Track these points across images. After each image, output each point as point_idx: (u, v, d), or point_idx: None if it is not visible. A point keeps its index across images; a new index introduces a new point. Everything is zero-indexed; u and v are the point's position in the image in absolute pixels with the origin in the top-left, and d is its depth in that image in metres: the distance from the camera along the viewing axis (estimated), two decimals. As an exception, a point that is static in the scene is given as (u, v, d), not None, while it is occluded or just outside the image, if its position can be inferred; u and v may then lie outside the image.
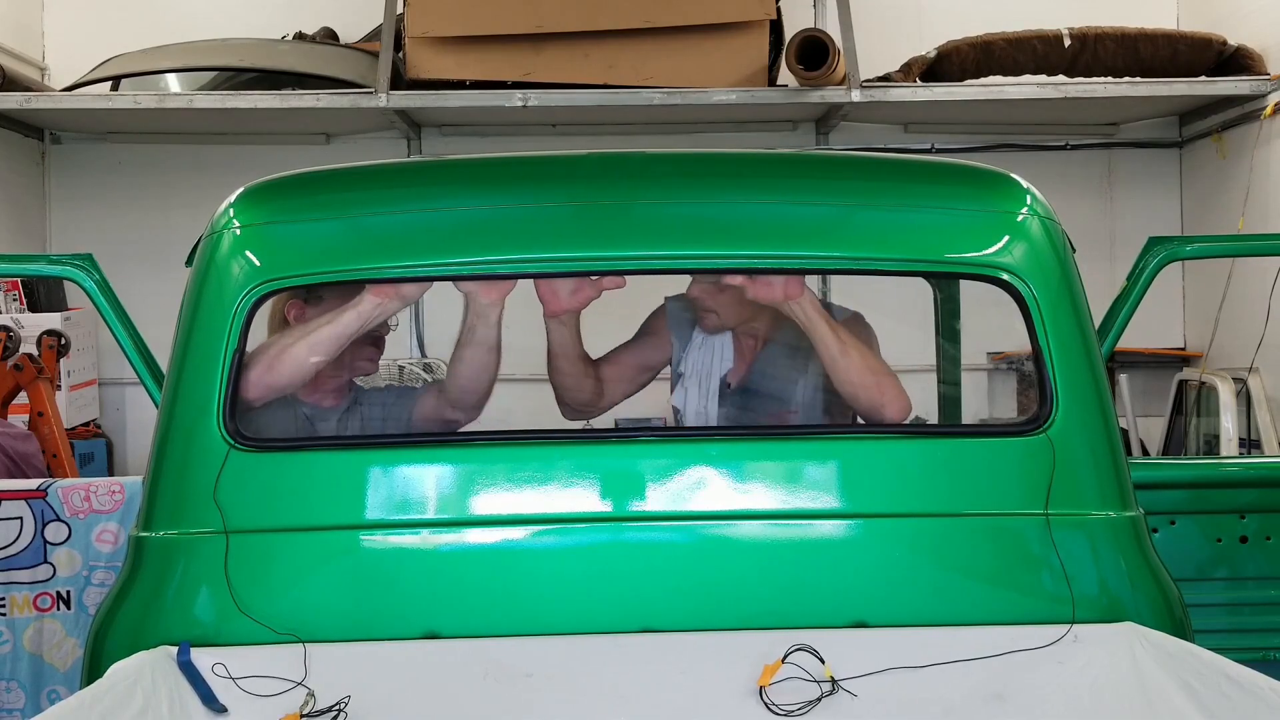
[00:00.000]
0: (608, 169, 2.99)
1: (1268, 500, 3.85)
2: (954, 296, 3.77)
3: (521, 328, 3.40)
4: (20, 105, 6.86)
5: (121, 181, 7.70)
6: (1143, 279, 3.74)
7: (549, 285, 2.92)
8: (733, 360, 3.36)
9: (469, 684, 2.52)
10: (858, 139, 7.63)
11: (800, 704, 2.46)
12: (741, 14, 6.55)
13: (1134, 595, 2.65)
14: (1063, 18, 6.86)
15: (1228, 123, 7.14)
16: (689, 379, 3.37)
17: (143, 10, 7.73)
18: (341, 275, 2.76)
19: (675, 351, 3.42)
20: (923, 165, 3.94)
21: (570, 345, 3.22)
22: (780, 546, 2.63)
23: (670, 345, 3.44)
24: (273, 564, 2.59)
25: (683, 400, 3.38)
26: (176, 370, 2.69)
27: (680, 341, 3.42)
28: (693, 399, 3.35)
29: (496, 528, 2.64)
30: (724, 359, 3.36)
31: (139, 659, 2.43)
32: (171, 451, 2.66)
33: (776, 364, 3.32)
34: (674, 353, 3.43)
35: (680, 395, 3.38)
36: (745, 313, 3.28)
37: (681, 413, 3.38)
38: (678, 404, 3.39)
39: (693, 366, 3.38)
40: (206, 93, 7.08)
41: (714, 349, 3.36)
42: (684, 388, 3.37)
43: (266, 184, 2.89)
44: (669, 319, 3.45)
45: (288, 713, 2.44)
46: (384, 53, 6.71)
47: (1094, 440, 2.69)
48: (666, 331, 3.46)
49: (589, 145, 6.43)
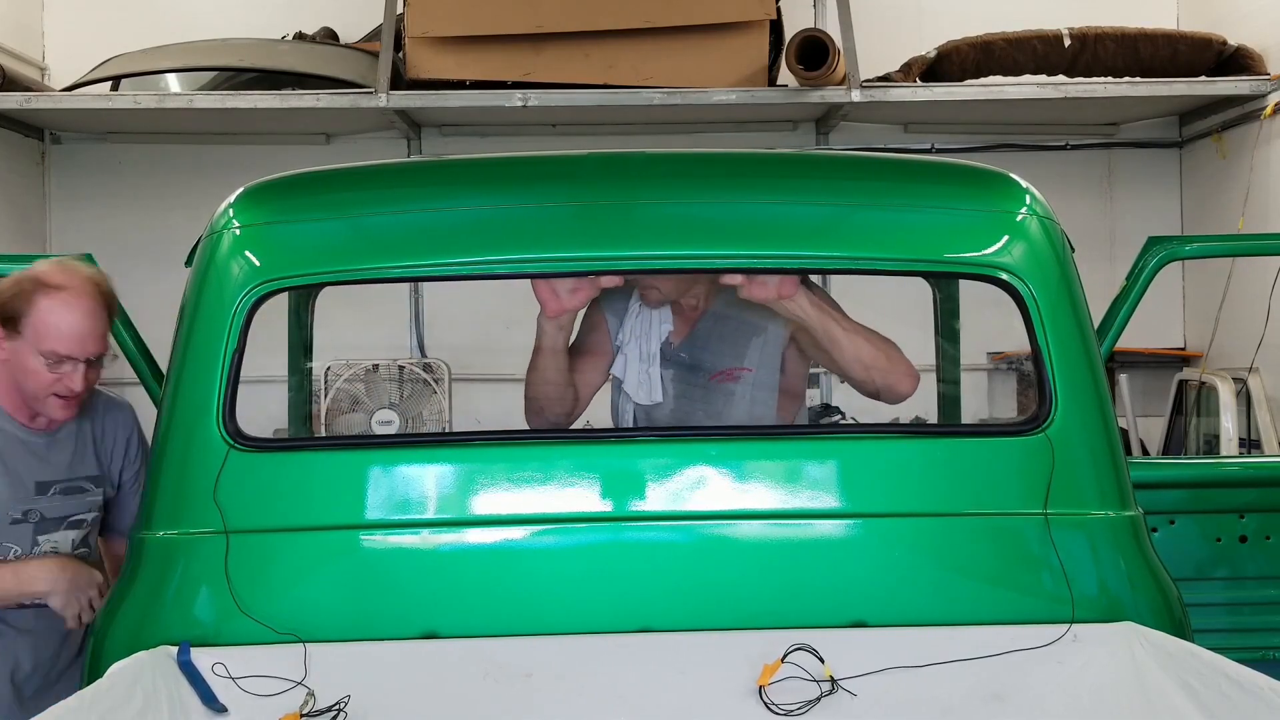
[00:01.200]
0: (608, 169, 2.99)
1: (1267, 500, 3.85)
2: (953, 296, 3.77)
3: (522, 328, 3.40)
4: (20, 105, 6.87)
5: (121, 181, 7.70)
6: (1142, 279, 3.74)
7: (548, 286, 2.90)
8: (672, 323, 3.31)
9: (469, 684, 2.52)
10: (858, 139, 7.63)
11: (800, 704, 2.46)
12: (741, 14, 6.55)
13: (1133, 595, 2.65)
14: (1063, 18, 6.86)
15: (1228, 123, 7.14)
16: (628, 346, 3.30)
17: (143, 10, 7.73)
18: (341, 275, 2.76)
19: (612, 327, 3.35)
20: (922, 165, 3.95)
21: (562, 348, 3.17)
22: (779, 546, 2.64)
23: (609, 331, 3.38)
24: (273, 564, 2.59)
25: (622, 368, 3.30)
26: (176, 370, 2.69)
27: (616, 317, 3.35)
28: (633, 364, 3.28)
29: (496, 528, 2.64)
30: (663, 322, 3.30)
31: (139, 659, 2.43)
32: (171, 451, 2.66)
33: (720, 323, 3.27)
34: (610, 328, 3.36)
35: (620, 363, 3.31)
36: (685, 285, 3.22)
37: (622, 380, 3.31)
38: (617, 373, 3.32)
39: (630, 333, 3.31)
40: (206, 93, 7.08)
41: (651, 317, 3.30)
42: (624, 355, 3.30)
43: (266, 184, 2.90)
44: (603, 306, 3.37)
45: (288, 713, 2.44)
46: (384, 53, 6.71)
47: (1093, 440, 2.69)
48: (604, 320, 3.39)
49: (589, 145, 6.46)
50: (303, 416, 4.17)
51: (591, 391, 3.37)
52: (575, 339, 3.33)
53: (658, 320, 3.29)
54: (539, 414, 3.28)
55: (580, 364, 3.32)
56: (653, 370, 3.27)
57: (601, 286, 2.92)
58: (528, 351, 3.25)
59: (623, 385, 3.31)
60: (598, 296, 3.21)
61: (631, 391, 3.28)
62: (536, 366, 3.20)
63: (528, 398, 3.28)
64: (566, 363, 3.22)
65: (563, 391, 3.24)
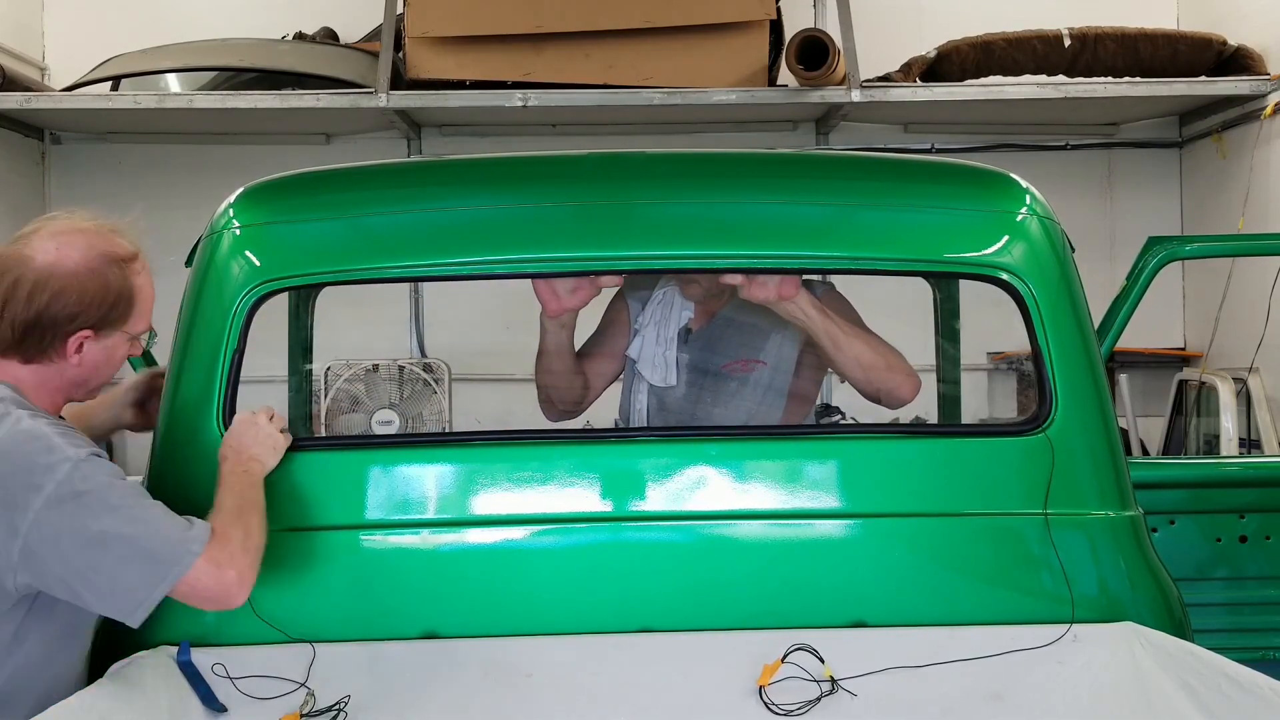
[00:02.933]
0: (608, 169, 2.99)
1: (1267, 500, 3.85)
2: (954, 296, 3.77)
3: (522, 328, 3.40)
4: (20, 105, 6.86)
5: (121, 181, 7.69)
6: (1142, 279, 3.75)
7: (548, 286, 2.91)
8: (694, 311, 3.33)
9: (469, 684, 2.52)
10: (858, 139, 7.63)
11: (800, 704, 2.47)
12: (741, 14, 6.54)
13: (1133, 595, 2.65)
14: (1063, 18, 6.85)
15: (1228, 123, 7.13)
16: (646, 328, 3.32)
17: (143, 10, 7.72)
18: (341, 275, 2.77)
19: (633, 311, 3.38)
20: (922, 165, 3.95)
21: (566, 346, 3.21)
22: (780, 546, 2.64)
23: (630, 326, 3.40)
24: (273, 564, 2.59)
25: (639, 349, 3.32)
26: (176, 370, 2.69)
27: (638, 302, 3.38)
28: (649, 345, 3.29)
29: (496, 528, 2.64)
30: (684, 308, 3.32)
31: (139, 659, 2.43)
32: (172, 452, 2.66)
33: (739, 316, 3.28)
34: (631, 312, 3.38)
35: (637, 344, 3.32)
36: (715, 281, 3.20)
37: (636, 360, 3.33)
38: (632, 354, 3.33)
39: (650, 317, 3.33)
40: (206, 93, 7.08)
41: (673, 302, 3.32)
42: (641, 336, 3.32)
43: (266, 184, 2.90)
44: (625, 292, 3.40)
45: (287, 713, 2.44)
46: (384, 53, 6.71)
47: (1093, 440, 2.69)
48: (626, 311, 3.42)
49: (589, 145, 6.45)
50: (303, 416, 4.17)
51: (605, 382, 3.41)
52: (598, 327, 3.41)
53: (679, 306, 3.31)
54: (551, 405, 3.34)
55: (597, 353, 3.37)
56: (669, 353, 3.28)
57: (601, 286, 2.93)
58: (528, 352, 3.26)
59: (637, 365, 3.32)
60: (621, 287, 3.24)
61: (646, 372, 3.30)
62: (543, 367, 3.22)
63: (540, 388, 3.32)
64: (573, 358, 3.25)
65: (572, 381, 3.27)
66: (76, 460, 2.25)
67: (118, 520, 2.24)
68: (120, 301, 2.42)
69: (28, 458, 2.25)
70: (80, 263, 2.38)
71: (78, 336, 2.39)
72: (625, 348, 3.39)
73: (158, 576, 2.24)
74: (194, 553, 2.26)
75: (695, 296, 3.30)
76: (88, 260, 2.39)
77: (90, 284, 2.38)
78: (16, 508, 2.21)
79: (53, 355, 2.39)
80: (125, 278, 2.44)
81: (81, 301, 2.37)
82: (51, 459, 2.24)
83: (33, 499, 2.21)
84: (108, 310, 2.41)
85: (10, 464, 2.24)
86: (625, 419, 3.38)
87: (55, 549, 2.21)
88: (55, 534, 2.21)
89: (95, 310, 2.39)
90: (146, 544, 2.24)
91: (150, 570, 2.24)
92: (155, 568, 2.24)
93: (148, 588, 2.24)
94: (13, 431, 2.28)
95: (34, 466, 2.23)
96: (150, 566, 2.24)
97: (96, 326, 2.41)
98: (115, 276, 2.42)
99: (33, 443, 2.26)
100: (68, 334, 2.38)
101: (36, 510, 2.20)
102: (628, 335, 3.40)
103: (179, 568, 2.25)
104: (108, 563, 2.22)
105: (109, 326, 2.43)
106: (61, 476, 2.22)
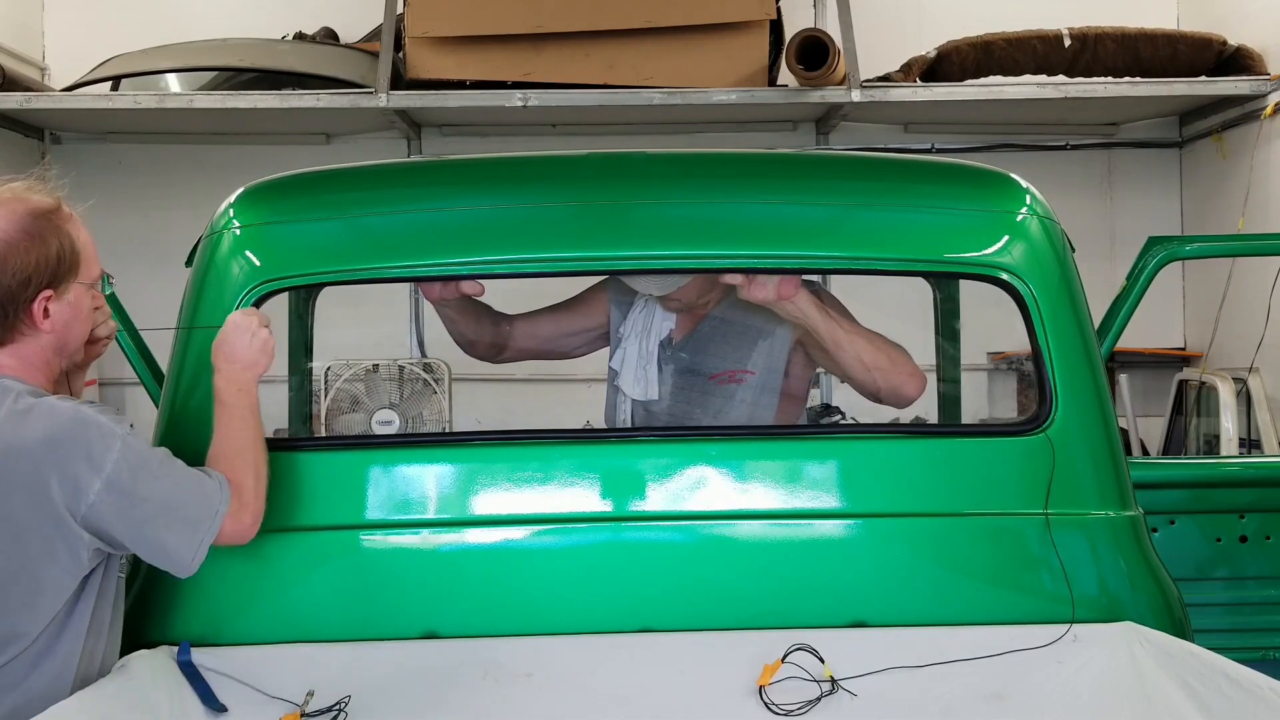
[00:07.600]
0: (607, 169, 2.99)
1: (1268, 500, 3.85)
2: (954, 296, 3.77)
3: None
4: (20, 105, 6.86)
5: (121, 181, 7.69)
6: (1142, 279, 3.74)
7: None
8: (675, 321, 3.32)
9: (469, 684, 2.52)
10: (858, 139, 7.63)
11: (800, 704, 2.47)
12: (741, 14, 6.54)
13: (1133, 595, 2.65)
14: (1063, 18, 6.85)
15: (1228, 123, 7.13)
16: (628, 340, 3.33)
17: (143, 10, 7.72)
18: (341, 275, 2.77)
19: (614, 318, 3.38)
20: (922, 165, 3.94)
21: (465, 321, 3.33)
22: (779, 546, 2.64)
23: (606, 313, 3.41)
24: (273, 564, 2.59)
25: (620, 361, 3.33)
26: (176, 370, 2.69)
27: (620, 309, 3.38)
28: (630, 359, 3.30)
29: (496, 528, 2.64)
30: (666, 319, 3.32)
31: (139, 659, 2.43)
32: (172, 451, 2.65)
33: (722, 325, 3.28)
34: (613, 319, 3.39)
35: (619, 356, 3.33)
36: (697, 291, 3.22)
37: (619, 374, 3.33)
38: (615, 365, 3.35)
39: (632, 328, 3.34)
40: (206, 93, 7.08)
41: (655, 312, 3.32)
42: (623, 349, 3.33)
43: (266, 184, 2.90)
44: (610, 289, 3.41)
45: (287, 713, 2.44)
46: (384, 53, 6.71)
47: (1093, 440, 2.69)
48: (604, 300, 3.42)
49: (589, 145, 6.44)
50: (303, 416, 4.17)
51: (536, 344, 3.52)
52: (568, 300, 3.48)
53: (660, 317, 3.30)
54: (472, 347, 3.50)
55: (550, 319, 3.47)
56: (650, 367, 3.27)
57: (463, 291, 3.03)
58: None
59: (618, 379, 3.31)
60: (604, 280, 3.30)
61: (626, 387, 3.29)
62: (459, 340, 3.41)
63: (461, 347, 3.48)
64: (479, 320, 3.41)
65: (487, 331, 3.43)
66: (124, 436, 2.33)
67: (163, 488, 2.36)
68: (64, 253, 2.40)
69: (83, 440, 2.31)
70: (9, 229, 2.35)
71: (40, 300, 2.38)
72: (588, 325, 3.45)
73: (196, 539, 2.38)
74: (221, 512, 2.41)
75: (675, 309, 3.29)
76: (17, 223, 2.37)
77: (29, 245, 2.36)
78: (79, 489, 2.29)
79: (24, 329, 2.39)
80: (59, 228, 2.42)
81: (27, 264, 2.35)
82: (105, 438, 2.31)
83: (94, 480, 2.29)
84: (56, 264, 2.39)
85: (64, 450, 2.29)
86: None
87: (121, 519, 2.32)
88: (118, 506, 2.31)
89: (44, 268, 2.37)
90: (185, 512, 2.38)
91: (190, 534, 2.38)
92: (194, 532, 2.38)
93: (192, 548, 2.38)
94: (53, 411, 2.32)
95: (91, 447, 2.30)
96: (189, 531, 2.38)
97: (52, 283, 2.39)
98: (48, 230, 2.39)
99: (81, 425, 2.32)
100: (29, 301, 2.37)
101: (97, 491, 2.29)
102: (597, 317, 3.43)
103: (213, 526, 2.39)
104: (156, 530, 2.36)
105: (63, 281, 2.41)
106: (117, 455, 2.31)
